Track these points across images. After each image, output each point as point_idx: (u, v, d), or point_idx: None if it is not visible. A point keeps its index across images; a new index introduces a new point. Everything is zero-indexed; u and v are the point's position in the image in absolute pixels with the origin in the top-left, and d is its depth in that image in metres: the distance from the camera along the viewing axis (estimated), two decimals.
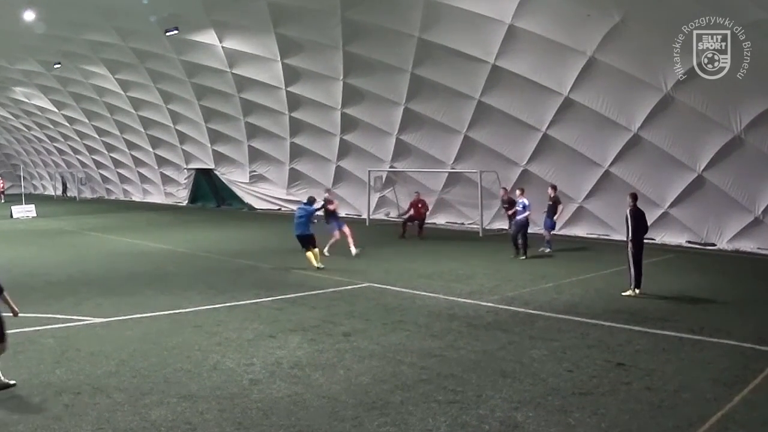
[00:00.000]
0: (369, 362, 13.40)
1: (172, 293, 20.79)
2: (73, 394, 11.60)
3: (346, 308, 18.44)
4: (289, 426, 10.16)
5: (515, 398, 11.20)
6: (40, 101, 65.00)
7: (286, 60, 38.98)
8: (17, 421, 10.38)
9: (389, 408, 10.83)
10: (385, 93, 37.02)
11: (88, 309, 18.49)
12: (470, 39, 30.18)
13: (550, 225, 29.18)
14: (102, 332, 16.05)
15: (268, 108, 45.20)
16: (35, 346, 14.74)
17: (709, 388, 11.63)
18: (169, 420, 10.39)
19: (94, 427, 10.15)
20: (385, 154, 40.70)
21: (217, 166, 56.07)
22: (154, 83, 50.14)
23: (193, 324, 16.73)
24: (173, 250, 31.39)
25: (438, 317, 17.27)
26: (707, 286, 21.53)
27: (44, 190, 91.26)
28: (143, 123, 58.36)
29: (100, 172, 75.02)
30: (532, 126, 32.12)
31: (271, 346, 14.59)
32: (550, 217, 29.10)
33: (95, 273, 24.94)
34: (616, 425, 10.04)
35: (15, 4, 32.31)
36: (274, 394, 11.58)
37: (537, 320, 16.87)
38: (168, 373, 12.76)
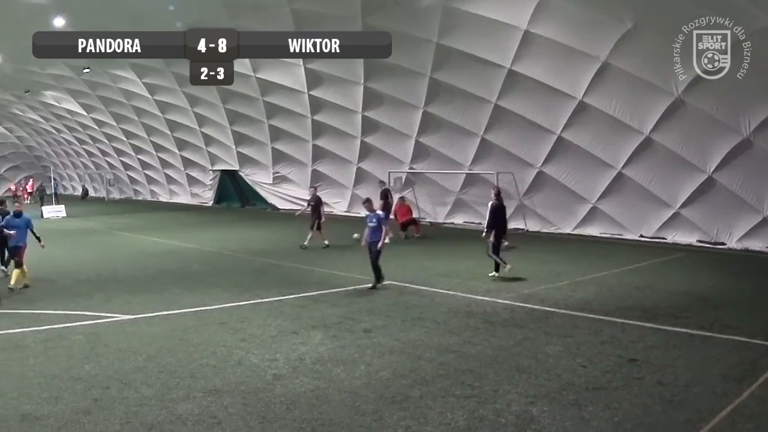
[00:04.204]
0: (389, 358, 13.52)
1: (198, 291, 20.97)
2: (102, 388, 11.78)
3: (366, 305, 18.55)
4: (312, 420, 10.29)
5: (531, 393, 11.30)
6: (70, 105, 65.07)
7: (309, 65, 39.32)
8: (48, 414, 10.56)
9: (409, 402, 10.95)
10: (405, 96, 37.18)
11: (117, 306, 18.70)
12: (487, 44, 30.34)
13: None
14: (130, 329, 16.25)
15: (291, 111, 45.38)
16: (65, 342, 14.94)
17: (719, 383, 11.71)
18: (195, 414, 10.56)
19: (123, 420, 10.31)
20: (405, 155, 40.80)
21: (241, 167, 56.19)
22: (180, 87, 50.26)
23: (219, 321, 16.92)
24: (199, 249, 31.57)
25: (456, 314, 17.35)
26: (717, 284, 21.50)
27: (74, 191, 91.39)
28: (170, 126, 58.57)
29: (128, 173, 75.12)
30: (547, 129, 32.20)
31: (294, 342, 14.72)
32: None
33: (123, 271, 25.21)
34: (628, 419, 10.14)
35: (45, 11, 32.58)
36: (297, 388, 11.70)
37: (552, 317, 16.96)
38: (194, 368, 12.94)
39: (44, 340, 15.12)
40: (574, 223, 34.32)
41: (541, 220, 35.97)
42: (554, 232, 34.99)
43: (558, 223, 35.22)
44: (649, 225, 31.41)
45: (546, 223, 35.75)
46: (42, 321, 16.93)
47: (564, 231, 34.81)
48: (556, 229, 35.15)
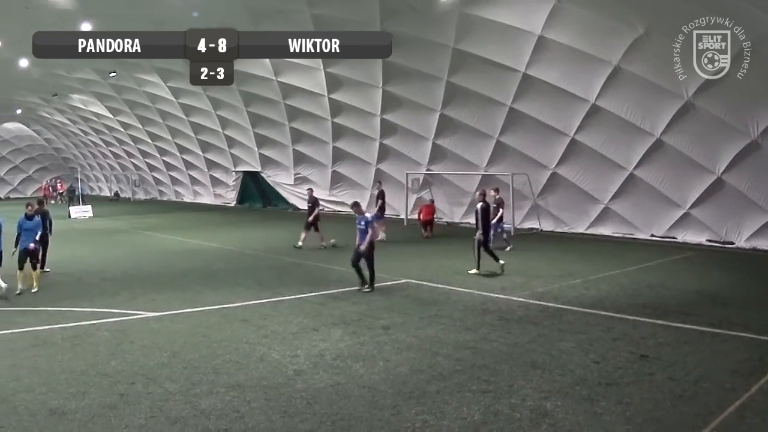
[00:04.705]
0: (407, 354, 13.50)
1: (221, 289, 20.94)
2: (128, 384, 11.79)
3: (385, 303, 18.50)
4: (332, 414, 10.30)
5: (545, 388, 11.31)
6: (97, 108, 65.53)
7: (329, 69, 39.64)
8: (75, 409, 10.59)
9: (426, 397, 10.95)
10: (422, 100, 37.35)
11: (142, 304, 18.75)
12: (502, 49, 30.55)
13: (499, 227, 29.08)
14: (155, 326, 16.27)
15: (311, 114, 45.64)
16: (92, 339, 14.96)
17: (728, 379, 11.73)
18: (218, 408, 10.57)
19: (148, 415, 10.34)
20: (422, 157, 40.90)
21: (263, 168, 56.44)
22: (204, 91, 50.72)
23: (241, 318, 16.92)
24: (222, 248, 31.55)
25: (472, 311, 17.33)
26: (726, 282, 21.50)
27: (100, 191, 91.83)
28: (194, 128, 58.93)
29: (153, 174, 75.47)
30: (561, 131, 32.31)
31: (315, 339, 14.70)
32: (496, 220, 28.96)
33: (148, 270, 25.23)
34: (640, 414, 10.15)
35: (73, 17, 32.74)
36: (318, 384, 11.70)
37: (565, 314, 16.94)
38: (217, 364, 12.94)
39: (71, 336, 15.18)
40: (587, 223, 34.41)
41: (555, 220, 36.05)
42: (568, 232, 35.07)
43: (571, 222, 35.27)
44: (660, 225, 31.43)
45: (560, 223, 35.84)
46: (69, 318, 16.93)
47: (577, 230, 34.86)
48: (569, 228, 35.23)
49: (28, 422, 10.13)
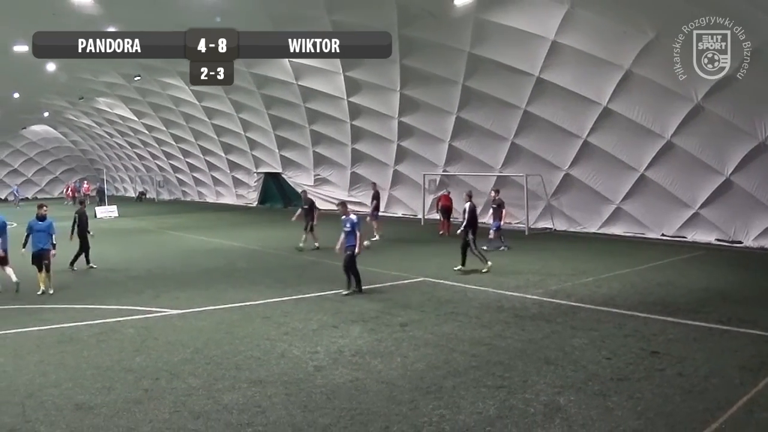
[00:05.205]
0: (424, 350, 13.60)
1: (243, 287, 21.14)
2: (152, 379, 11.95)
3: (402, 301, 18.61)
4: (351, 409, 10.40)
5: (558, 383, 11.41)
6: (122, 110, 65.87)
7: (348, 73, 39.79)
8: (101, 404, 10.73)
9: (442, 392, 11.04)
10: (439, 103, 37.44)
11: (166, 301, 19.00)
12: (517, 54, 30.60)
13: (495, 226, 29.22)
14: (178, 323, 16.46)
15: (331, 117, 45.78)
16: (117, 336, 15.16)
17: (737, 374, 11.78)
18: (240, 403, 10.69)
19: (172, 409, 10.46)
20: (439, 158, 41.00)
21: (284, 170, 56.64)
22: (226, 94, 51.00)
23: (262, 315, 17.08)
24: (244, 247, 31.80)
25: (487, 309, 17.42)
26: (735, 280, 21.50)
27: (125, 192, 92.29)
28: (216, 131, 59.16)
29: (177, 175, 75.82)
30: (574, 133, 32.34)
31: (334, 336, 14.83)
32: (495, 219, 29.33)
33: (172, 268, 25.59)
34: (650, 408, 10.22)
35: (99, 23, 32.89)
36: (337, 379, 11.81)
37: (578, 312, 17.04)
38: (239, 360, 13.09)
39: (97, 333, 15.38)
40: (599, 223, 34.46)
41: (568, 219, 36.14)
42: (580, 231, 35.12)
43: (584, 222, 35.35)
44: (670, 224, 31.42)
45: (572, 223, 35.92)
46: (95, 315, 17.18)
47: (589, 230, 34.93)
48: (582, 228, 35.29)
49: (56, 416, 10.27)
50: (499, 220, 29.26)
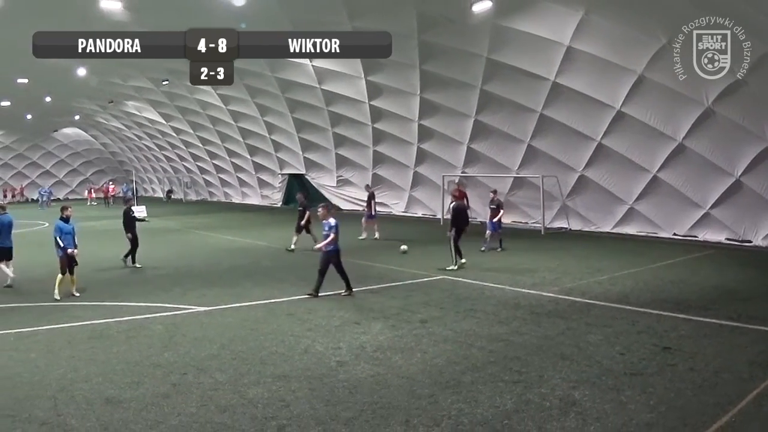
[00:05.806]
0: (443, 346, 13.63)
1: (268, 285, 21.28)
2: (180, 374, 12.04)
3: (422, 298, 18.65)
4: (372, 403, 10.45)
5: (573, 378, 11.45)
6: (150, 114, 66.22)
7: (370, 77, 39.94)
8: (130, 398, 10.83)
9: (461, 387, 11.09)
10: (457, 106, 37.52)
11: (193, 299, 19.05)
12: (533, 59, 30.73)
13: (492, 227, 28.87)
14: (205, 319, 16.54)
15: (353, 120, 45.93)
16: (146, 332, 15.27)
17: (746, 369, 11.82)
18: (265, 398, 10.74)
19: (199, 404, 10.53)
20: (458, 160, 41.08)
21: (307, 171, 56.69)
22: (251, 98, 51.17)
23: (287, 312, 17.15)
24: (269, 246, 31.82)
25: (504, 306, 17.48)
26: (744, 278, 21.53)
27: (153, 193, 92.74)
28: (242, 133, 59.38)
29: (204, 177, 76.03)
30: (588, 136, 32.40)
31: (356, 332, 14.89)
32: (492, 220, 29.04)
33: (199, 267, 25.65)
34: (663, 402, 10.26)
35: (126, 28, 33.07)
36: (359, 374, 11.86)
37: (593, 309, 17.07)
38: (264, 356, 13.14)
39: (126, 329, 15.52)
40: (613, 223, 34.51)
41: (583, 219, 36.19)
42: (595, 231, 35.16)
43: (598, 222, 35.39)
44: (681, 224, 31.41)
45: (587, 223, 35.99)
46: (124, 312, 17.34)
47: (604, 230, 34.96)
48: (596, 228, 35.34)
49: (86, 410, 10.40)
50: (498, 221, 29.07)
